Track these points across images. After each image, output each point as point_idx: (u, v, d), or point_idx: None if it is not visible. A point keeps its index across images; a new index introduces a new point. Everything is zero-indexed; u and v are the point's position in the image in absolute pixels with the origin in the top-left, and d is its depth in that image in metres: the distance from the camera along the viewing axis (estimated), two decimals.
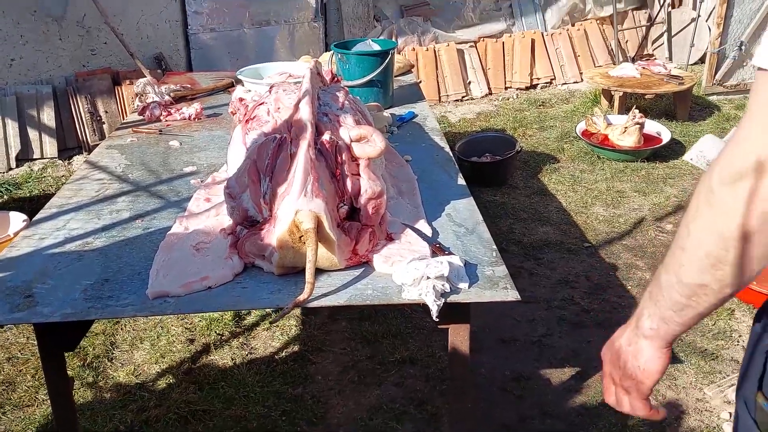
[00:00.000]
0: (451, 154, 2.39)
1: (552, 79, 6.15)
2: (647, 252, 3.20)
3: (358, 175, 1.66)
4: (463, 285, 1.49)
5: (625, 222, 3.51)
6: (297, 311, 2.72)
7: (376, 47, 3.09)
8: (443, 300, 1.44)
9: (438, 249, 1.64)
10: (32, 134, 4.57)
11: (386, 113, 2.78)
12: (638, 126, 4.07)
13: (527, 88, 6.02)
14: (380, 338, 2.51)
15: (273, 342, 2.57)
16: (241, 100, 2.42)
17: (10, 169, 4.49)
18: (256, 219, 1.61)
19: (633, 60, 6.41)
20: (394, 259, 1.57)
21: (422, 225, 1.77)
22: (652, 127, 4.37)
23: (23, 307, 1.44)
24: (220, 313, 2.70)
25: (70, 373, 2.37)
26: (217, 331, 2.64)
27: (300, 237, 1.48)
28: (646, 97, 4.60)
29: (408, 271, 1.47)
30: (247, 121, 1.87)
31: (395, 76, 3.53)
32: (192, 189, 2.08)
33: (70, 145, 4.68)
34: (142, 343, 2.62)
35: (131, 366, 2.48)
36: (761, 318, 0.94)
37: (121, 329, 2.70)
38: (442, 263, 1.47)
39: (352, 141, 1.71)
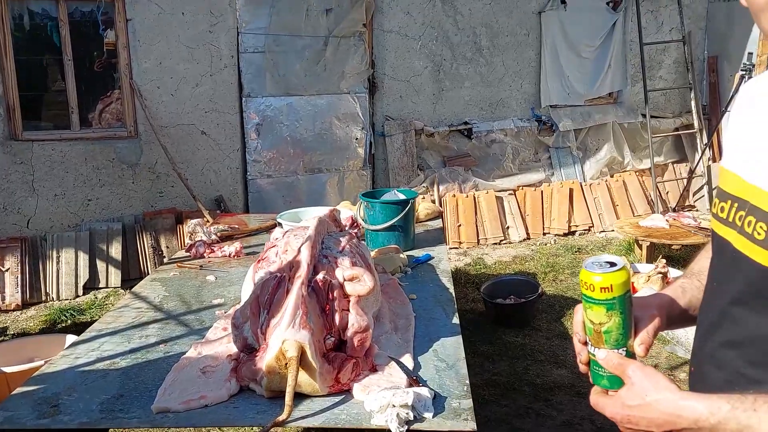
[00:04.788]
0: (454, 295, 2.59)
1: (590, 227, 6.35)
2: None
3: (348, 310, 1.89)
4: (428, 414, 1.65)
5: None
6: None
7: (401, 196, 3.41)
8: (406, 427, 1.60)
9: (414, 381, 1.81)
10: (100, 266, 5.05)
11: (403, 255, 3.03)
12: (661, 275, 4.18)
13: (565, 235, 6.23)
14: None
15: None
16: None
17: (77, 296, 4.93)
18: (254, 347, 1.85)
19: (674, 210, 6.56)
20: (371, 388, 1.76)
21: (407, 359, 1.96)
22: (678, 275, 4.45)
23: (48, 415, 1.69)
24: None
25: None
26: None
27: (285, 364, 1.70)
28: (673, 247, 4.73)
29: (376, 399, 1.65)
30: (259, 261, 2.16)
31: (424, 221, 3.83)
32: (215, 319, 2.35)
33: (132, 276, 5.12)
34: None
35: None
36: None
37: None
38: (408, 393, 1.64)
39: (345, 280, 1.96)
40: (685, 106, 7.03)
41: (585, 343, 1.11)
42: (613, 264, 1.04)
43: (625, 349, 1.06)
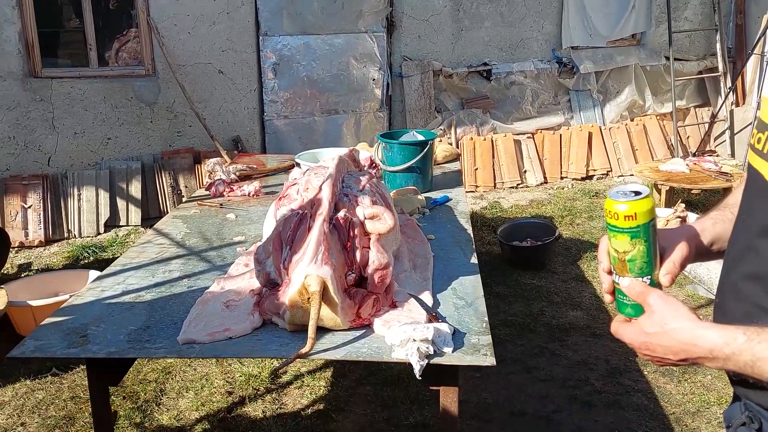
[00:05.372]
0: (472, 236, 2.61)
1: (608, 171, 6.30)
2: None
3: (369, 248, 1.91)
4: (448, 349, 1.68)
5: None
6: (328, 373, 2.94)
7: (420, 138, 3.39)
8: (426, 361, 1.63)
9: (433, 317, 1.84)
10: (120, 204, 5.11)
11: (421, 196, 3.04)
12: (680, 219, 4.17)
13: (583, 179, 6.19)
14: (398, 403, 2.69)
15: (302, 399, 2.80)
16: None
17: (99, 233, 5.01)
18: (277, 281, 1.88)
19: (694, 155, 6.48)
20: (391, 324, 1.79)
21: (426, 296, 1.98)
22: None
23: (77, 344, 1.74)
24: (258, 369, 2.95)
25: (121, 413, 2.67)
26: (254, 386, 2.90)
27: (308, 298, 1.73)
28: (692, 192, 4.70)
29: (397, 334, 1.68)
30: (280, 198, 2.17)
31: (442, 163, 3.81)
32: (236, 255, 2.38)
33: (152, 215, 5.17)
34: (187, 392, 2.90)
35: (175, 411, 2.75)
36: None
37: (171, 379, 3.00)
38: (428, 328, 1.67)
39: (366, 218, 1.97)
40: (710, 49, 6.85)
41: (610, 272, 1.11)
42: (638, 193, 1.03)
43: (649, 277, 1.06)
